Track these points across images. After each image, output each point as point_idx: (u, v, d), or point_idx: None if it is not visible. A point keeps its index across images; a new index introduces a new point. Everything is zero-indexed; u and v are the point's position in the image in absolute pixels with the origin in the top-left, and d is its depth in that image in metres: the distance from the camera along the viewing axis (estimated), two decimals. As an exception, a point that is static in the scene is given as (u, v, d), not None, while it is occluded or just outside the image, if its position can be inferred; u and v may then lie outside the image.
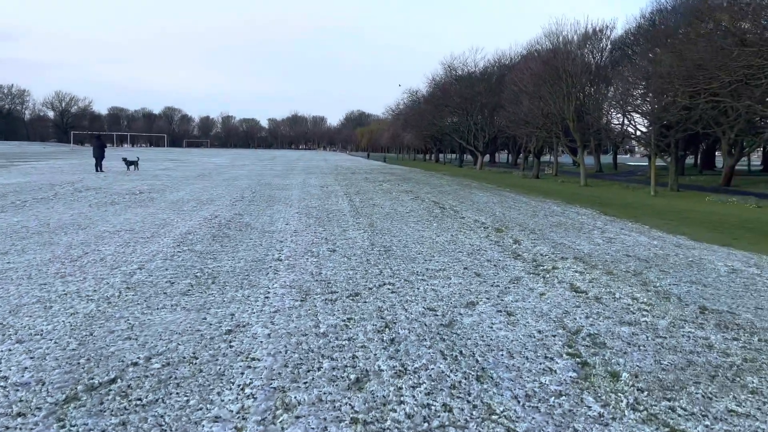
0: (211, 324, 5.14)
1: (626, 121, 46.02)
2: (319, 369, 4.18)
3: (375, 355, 4.49)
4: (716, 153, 65.74)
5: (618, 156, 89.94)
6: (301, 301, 5.93)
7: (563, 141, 49.59)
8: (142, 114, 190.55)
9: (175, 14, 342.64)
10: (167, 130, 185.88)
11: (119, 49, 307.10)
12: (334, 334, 4.96)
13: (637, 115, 42.33)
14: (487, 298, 6.25)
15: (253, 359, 4.33)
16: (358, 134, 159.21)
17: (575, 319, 5.61)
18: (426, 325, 5.28)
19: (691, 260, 8.53)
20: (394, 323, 5.28)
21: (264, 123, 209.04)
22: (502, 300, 6.21)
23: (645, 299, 6.30)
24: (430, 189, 19.84)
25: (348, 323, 5.25)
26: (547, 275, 7.39)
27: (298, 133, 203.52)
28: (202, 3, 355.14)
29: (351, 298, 6.10)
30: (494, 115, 61.80)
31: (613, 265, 8.00)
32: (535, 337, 5.04)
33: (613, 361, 4.52)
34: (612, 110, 44.73)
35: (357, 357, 4.43)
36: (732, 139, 41.29)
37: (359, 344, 4.72)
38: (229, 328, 5.03)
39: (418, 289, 6.59)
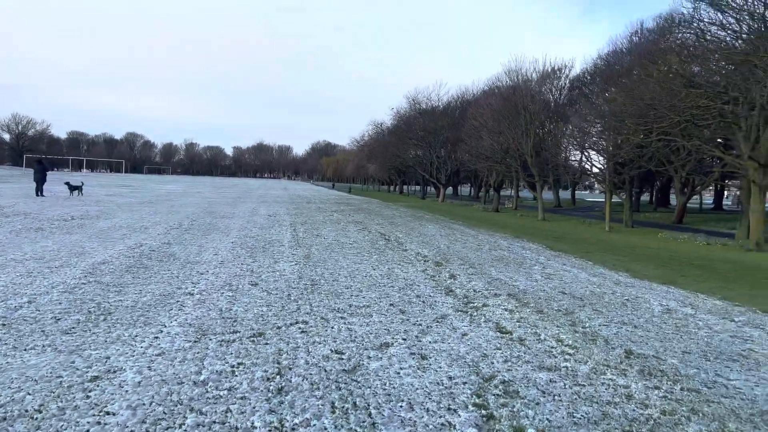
0: (77, 369, 4.52)
1: (584, 158, 46.84)
2: (180, 426, 3.61)
3: (253, 408, 3.95)
4: (671, 191, 67.35)
5: (577, 192, 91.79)
6: (194, 342, 5.35)
7: (522, 176, 50.19)
8: (103, 139, 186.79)
9: (141, 38, 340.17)
10: (128, 156, 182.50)
11: (81, 74, 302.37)
12: (216, 382, 4.39)
13: (594, 153, 43.20)
14: (404, 339, 5.78)
15: (107, 413, 3.73)
16: (323, 164, 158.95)
17: (492, 363, 5.17)
18: (326, 371, 4.76)
19: (626, 299, 8.25)
20: (290, 369, 4.75)
21: (229, 151, 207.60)
22: (419, 341, 5.75)
23: (571, 341, 5.92)
24: (382, 220, 19.45)
25: (236, 369, 4.69)
26: (475, 313, 6.97)
27: (262, 162, 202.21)
28: (167, 29, 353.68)
29: (252, 338, 5.55)
30: (456, 149, 62.42)
31: (546, 303, 7.64)
32: (443, 385, 4.58)
33: (522, 413, 4.08)
34: (570, 147, 45.53)
35: (231, 411, 3.88)
36: (684, 177, 42.37)
37: (239, 395, 4.16)
38: (96, 375, 4.41)
39: (332, 328, 6.08)
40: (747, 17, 26.79)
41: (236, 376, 4.53)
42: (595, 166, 41.85)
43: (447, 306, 7.30)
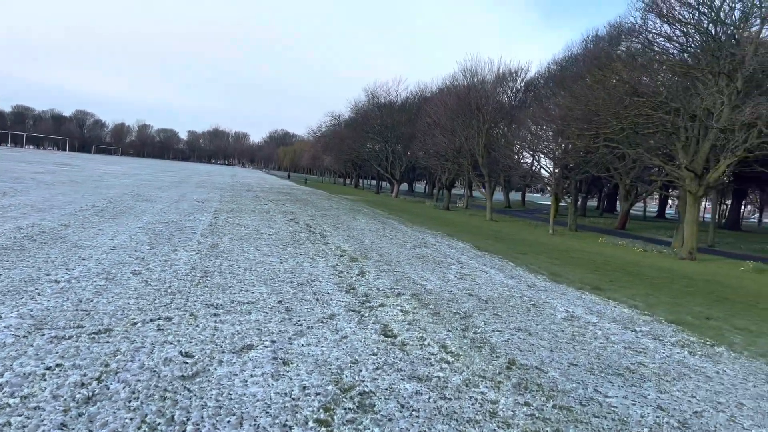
0: None
1: (534, 162, 47.25)
2: (-69, 443, 2.99)
3: (40, 421, 3.34)
4: (617, 197, 68.93)
5: (529, 194, 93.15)
6: (21, 337, 4.68)
7: (472, 175, 50.35)
8: (50, 115, 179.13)
9: (96, 15, 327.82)
10: (78, 134, 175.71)
11: (28, 46, 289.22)
12: (14, 387, 3.75)
13: (542, 156, 43.59)
14: (273, 341, 5.25)
15: None
16: (280, 153, 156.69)
17: (360, 371, 4.70)
18: (159, 377, 4.18)
19: (533, 303, 7.94)
20: (115, 374, 4.14)
21: (183, 135, 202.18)
22: (290, 344, 5.22)
23: (455, 348, 5.51)
24: (315, 212, 18.85)
25: (49, 372, 4.06)
26: (367, 314, 6.50)
27: (217, 148, 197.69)
28: (124, 7, 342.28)
29: (93, 336, 4.91)
30: (411, 145, 62.24)
31: (447, 306, 7.24)
32: (290, 397, 4.06)
33: (366, 432, 3.61)
34: (522, 150, 45.79)
35: (10, 425, 3.26)
36: (628, 185, 43.22)
37: (33, 405, 3.54)
38: None
39: (197, 326, 5.49)
40: (693, 31, 27.31)
41: (44, 380, 3.90)
42: (544, 170, 42.28)
43: (340, 305, 6.81)
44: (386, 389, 4.36)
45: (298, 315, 6.21)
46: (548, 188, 43.87)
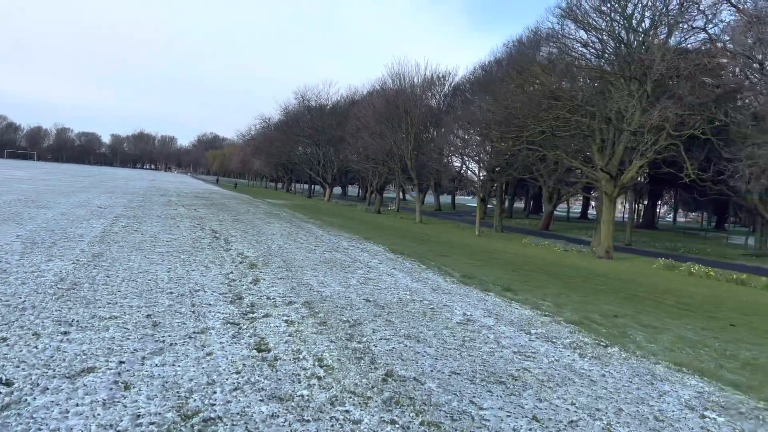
0: None
1: (462, 164, 47.73)
2: None
3: None
4: (542, 199, 70.87)
5: (461, 197, 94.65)
6: None
7: (401, 178, 50.43)
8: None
9: (15, 14, 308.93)
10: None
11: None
12: None
13: (469, 159, 44.13)
14: (121, 362, 4.64)
15: None
16: (209, 157, 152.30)
17: (213, 393, 4.17)
18: (-49, 411, 3.51)
19: (432, 307, 7.63)
20: None
21: (106, 138, 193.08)
22: (141, 365, 4.63)
23: (332, 361, 5.07)
24: (228, 217, 18.03)
25: None
26: (246, 326, 5.97)
27: (142, 152, 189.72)
28: (45, 5, 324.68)
29: None
30: (340, 148, 61.78)
31: (339, 313, 6.81)
32: (116, 428, 3.50)
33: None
34: (450, 154, 46.07)
35: None
36: (551, 187, 44.43)
37: None
38: None
39: (36, 347, 4.80)
40: (607, 37, 28.27)
41: None
42: (472, 173, 42.85)
43: (218, 317, 6.24)
44: (237, 413, 3.87)
45: (164, 330, 5.60)
46: (474, 191, 44.49)
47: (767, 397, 5.30)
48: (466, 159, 43.35)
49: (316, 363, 4.97)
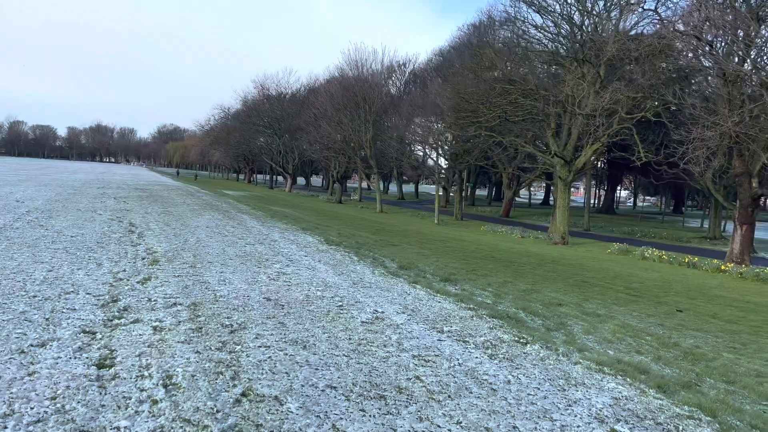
0: None
1: (423, 153, 47.07)
2: None
3: None
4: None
5: (425, 185, 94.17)
6: None
7: (360, 167, 49.55)
8: None
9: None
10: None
11: None
12: None
13: (427, 147, 43.45)
14: None
15: None
16: (169, 149, 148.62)
17: (2, 429, 3.30)
18: None
19: (341, 305, 6.84)
20: None
21: (62, 131, 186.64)
22: (-66, 390, 3.71)
23: (181, 379, 4.22)
24: (157, 209, 16.86)
25: None
26: (101, 336, 5.07)
27: (100, 145, 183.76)
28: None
29: None
30: (297, 137, 60.53)
31: (226, 316, 5.96)
32: None
33: None
34: (411, 142, 45.27)
35: None
36: (510, 173, 44.11)
37: None
38: None
39: None
40: (560, 20, 27.78)
41: None
42: (432, 160, 42.14)
43: (74, 326, 5.31)
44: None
45: (-9, 344, 4.67)
46: (433, 178, 43.86)
47: (695, 400, 4.68)
48: (427, 147, 42.65)
49: (161, 382, 4.12)
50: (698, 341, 8.21)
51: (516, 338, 6.19)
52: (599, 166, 52.30)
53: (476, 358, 5.21)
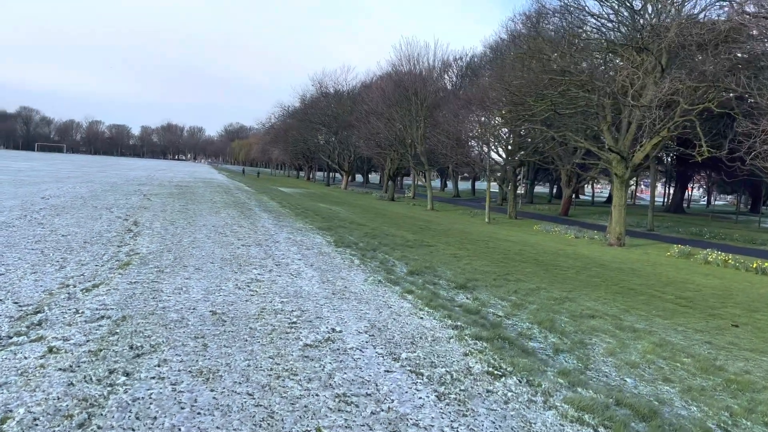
0: None
1: (481, 149, 45.43)
2: None
3: None
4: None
5: (481, 182, 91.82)
6: None
7: (412, 164, 48.47)
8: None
9: (41, 12, 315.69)
10: (23, 131, 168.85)
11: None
12: None
13: (481, 143, 41.82)
14: None
15: None
16: (234, 147, 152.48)
17: None
18: None
19: (295, 321, 5.89)
20: None
21: (136, 130, 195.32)
22: None
23: (12, 425, 3.42)
24: (178, 206, 16.24)
25: None
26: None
27: (169, 143, 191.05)
28: (71, 3, 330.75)
29: None
30: (350, 134, 60.11)
31: (148, 334, 5.14)
32: None
33: None
34: (467, 139, 43.64)
35: None
36: (569, 170, 41.90)
37: None
38: None
39: None
40: (619, 6, 25.74)
41: None
42: (485, 155, 40.55)
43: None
44: None
45: None
46: (492, 176, 42.24)
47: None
48: (479, 142, 41.07)
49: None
50: (749, 365, 6.83)
51: (491, 368, 5.08)
52: (666, 161, 48.99)
53: (418, 399, 4.16)
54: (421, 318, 6.61)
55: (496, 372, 4.99)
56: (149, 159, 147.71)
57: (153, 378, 4.16)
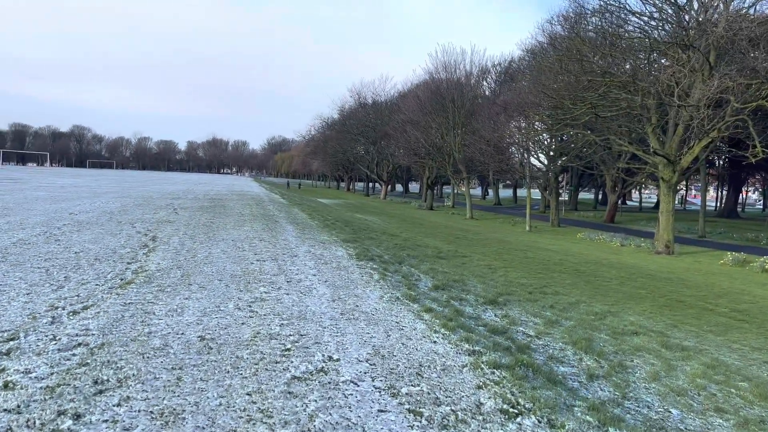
0: None
1: (522, 155, 44.29)
2: None
3: None
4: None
5: (523, 190, 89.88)
6: None
7: (450, 172, 47.65)
8: (51, 131, 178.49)
9: (92, 34, 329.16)
10: (76, 149, 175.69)
11: (23, 64, 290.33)
12: None
13: (521, 148, 40.71)
14: None
15: None
16: (277, 160, 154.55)
17: None
18: None
19: (288, 349, 5.28)
20: None
21: (182, 145, 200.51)
22: None
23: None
24: (204, 219, 15.89)
25: None
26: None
27: (214, 157, 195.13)
28: (116, 23, 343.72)
29: None
30: (385, 144, 59.70)
31: (124, 364, 4.64)
32: None
33: None
34: (509, 145, 42.64)
35: None
36: (614, 175, 40.33)
37: None
38: None
39: None
40: (668, 7, 24.48)
41: None
42: (524, 161, 39.42)
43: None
44: None
45: None
46: (532, 183, 41.04)
47: None
48: (518, 148, 39.97)
49: None
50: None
51: (507, 405, 4.36)
52: (718, 164, 46.62)
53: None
54: (434, 342, 5.92)
55: (511, 410, 4.27)
56: (194, 173, 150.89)
57: (105, 421, 3.62)
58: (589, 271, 16.33)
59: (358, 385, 4.49)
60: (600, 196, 64.09)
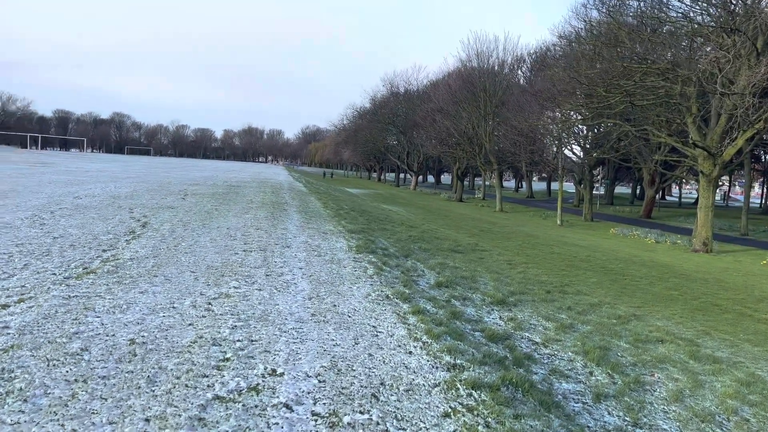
0: None
1: (558, 146, 42.77)
2: None
3: None
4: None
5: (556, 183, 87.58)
6: None
7: (480, 163, 46.34)
8: (93, 118, 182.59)
9: (131, 21, 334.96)
10: (116, 135, 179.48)
11: (68, 52, 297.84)
12: None
13: (555, 140, 39.19)
14: None
15: None
16: (311, 149, 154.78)
17: None
18: None
19: (227, 358, 4.47)
20: None
21: (219, 134, 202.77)
22: None
23: None
24: (209, 206, 15.18)
25: None
26: None
27: (249, 145, 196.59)
28: (157, 12, 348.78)
29: None
30: (414, 133, 58.56)
31: (26, 376, 3.92)
32: None
33: None
34: (544, 135, 41.14)
35: None
36: (652, 169, 38.54)
37: None
38: None
39: None
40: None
41: None
42: (557, 153, 37.90)
43: None
44: None
45: None
46: (558, 174, 39.53)
47: None
48: (550, 138, 38.48)
49: None
50: None
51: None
52: (764, 158, 44.07)
53: None
54: (409, 353, 5.03)
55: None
56: (229, 161, 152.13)
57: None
58: (618, 270, 15.16)
59: (293, 411, 3.64)
60: (638, 191, 61.77)
